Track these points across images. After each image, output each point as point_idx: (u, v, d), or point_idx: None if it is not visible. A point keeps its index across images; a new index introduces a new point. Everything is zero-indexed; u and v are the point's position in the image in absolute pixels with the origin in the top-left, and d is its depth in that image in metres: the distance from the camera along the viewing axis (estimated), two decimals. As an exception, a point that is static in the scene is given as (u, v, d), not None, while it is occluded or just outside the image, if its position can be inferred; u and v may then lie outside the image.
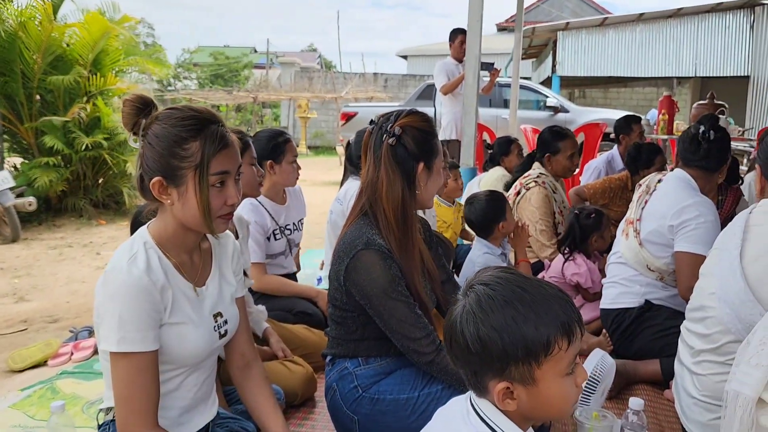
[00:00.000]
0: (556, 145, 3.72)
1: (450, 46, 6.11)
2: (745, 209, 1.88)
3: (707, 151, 2.47)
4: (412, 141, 1.85)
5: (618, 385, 2.46)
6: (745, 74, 13.58)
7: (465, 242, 4.19)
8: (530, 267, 3.01)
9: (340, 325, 1.93)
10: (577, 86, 17.20)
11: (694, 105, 6.47)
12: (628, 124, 4.83)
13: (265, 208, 3.01)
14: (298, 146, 18.35)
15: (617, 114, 9.99)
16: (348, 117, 10.94)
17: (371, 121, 1.94)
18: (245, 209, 2.84)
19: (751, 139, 6.64)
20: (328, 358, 2.01)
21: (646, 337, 2.60)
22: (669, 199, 2.51)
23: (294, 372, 2.44)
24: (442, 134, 6.14)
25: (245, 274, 1.86)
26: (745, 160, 5.78)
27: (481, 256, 2.93)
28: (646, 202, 2.62)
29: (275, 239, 3.05)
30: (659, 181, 2.63)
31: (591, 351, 2.23)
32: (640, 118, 5.05)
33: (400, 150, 1.85)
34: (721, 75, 13.66)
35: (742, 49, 13.47)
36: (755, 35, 13.33)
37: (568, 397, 1.10)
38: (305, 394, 2.46)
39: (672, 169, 2.71)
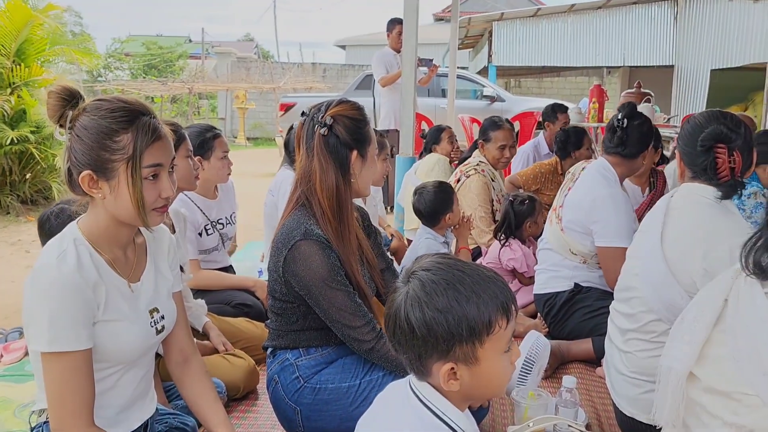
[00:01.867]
0: (489, 134, 3.82)
1: (388, 36, 6.12)
2: (668, 193, 1.98)
3: (622, 138, 2.58)
4: (343, 130, 1.87)
5: (553, 365, 2.56)
6: (670, 64, 14.16)
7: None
8: (470, 254, 3.09)
9: (280, 317, 1.94)
10: (512, 76, 17.53)
11: (623, 94, 6.72)
12: (554, 112, 5.06)
13: (196, 204, 2.97)
14: (236, 138, 17.94)
15: (548, 103, 10.27)
16: (287, 107, 10.84)
17: (303, 113, 1.95)
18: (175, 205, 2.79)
19: (676, 126, 6.94)
20: (269, 349, 2.01)
21: (578, 319, 2.70)
22: (585, 189, 2.63)
23: (235, 365, 2.43)
24: (381, 124, 6.17)
25: (182, 269, 1.83)
26: (670, 146, 6.04)
27: (423, 242, 3.00)
28: (569, 190, 2.73)
29: (207, 234, 3.02)
30: (583, 169, 2.74)
31: (527, 333, 2.31)
32: (566, 107, 5.25)
33: (332, 140, 1.87)
34: (648, 65, 14.20)
35: (667, 39, 14.03)
36: (678, 26, 13.90)
37: (505, 374, 1.16)
38: (247, 387, 2.45)
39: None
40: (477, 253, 3.61)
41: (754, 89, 12.37)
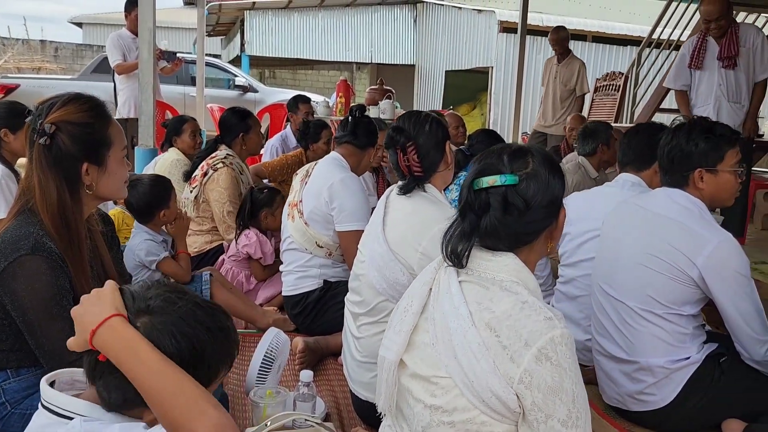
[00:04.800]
0: (248, 123, 3.73)
1: (126, 17, 5.62)
2: (388, 189, 2.13)
3: (353, 131, 2.75)
4: (68, 140, 1.61)
5: (312, 361, 2.57)
6: (412, 63, 15.35)
7: None
8: (189, 258, 2.94)
9: (-18, 334, 1.64)
10: (267, 66, 17.49)
11: (367, 90, 7.08)
12: (296, 103, 5.14)
13: None
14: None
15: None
16: (7, 90, 9.43)
17: (27, 111, 1.67)
18: None
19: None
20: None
21: (331, 314, 2.75)
22: (321, 177, 2.72)
23: None
24: (120, 112, 5.68)
25: None
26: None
27: (143, 242, 2.79)
28: (306, 184, 2.79)
29: None
30: (316, 163, 2.82)
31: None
32: (308, 98, 5.36)
33: (55, 151, 1.60)
34: (393, 63, 15.21)
35: (408, 40, 15.15)
36: (418, 29, 15.11)
37: None
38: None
39: None
40: (220, 250, 3.50)
41: (480, 90, 14.00)
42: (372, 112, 5.41)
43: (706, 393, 2.03)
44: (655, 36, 7.50)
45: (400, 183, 2.04)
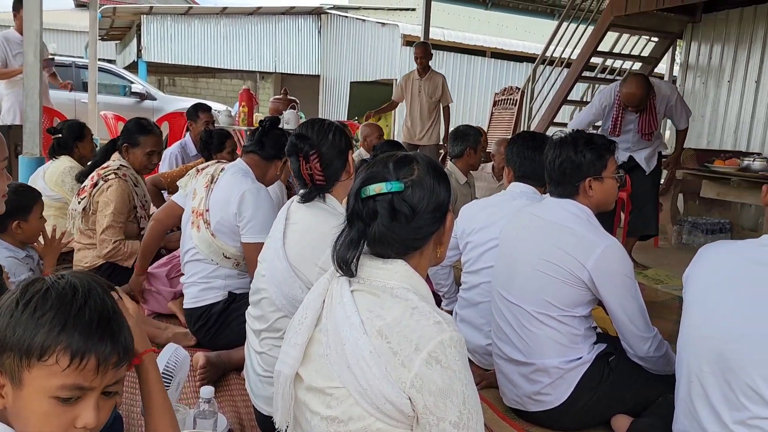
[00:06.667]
0: (138, 138, 3.54)
1: (14, 17, 5.27)
2: (289, 200, 2.10)
3: (260, 141, 2.70)
4: None
5: (213, 377, 2.49)
6: (317, 73, 15.34)
7: None
8: None
9: None
10: (166, 73, 16.92)
11: (271, 99, 7.00)
12: (195, 111, 4.99)
13: None
14: None
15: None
16: None
17: None
18: None
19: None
20: None
21: (235, 327, 2.67)
22: (229, 187, 2.65)
23: None
24: (3, 119, 5.32)
25: None
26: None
27: (4, 261, 2.41)
28: (211, 192, 2.71)
29: None
30: (222, 170, 2.75)
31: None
32: (208, 107, 5.21)
33: None
34: (297, 73, 15.15)
35: (313, 50, 15.15)
36: (323, 39, 15.14)
37: (58, 426, 1.02)
38: None
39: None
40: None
41: (385, 101, 14.15)
42: (275, 123, 5.35)
43: (596, 390, 2.14)
44: (548, 53, 7.90)
45: (301, 192, 2.02)
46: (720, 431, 1.57)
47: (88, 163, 3.67)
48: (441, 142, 6.65)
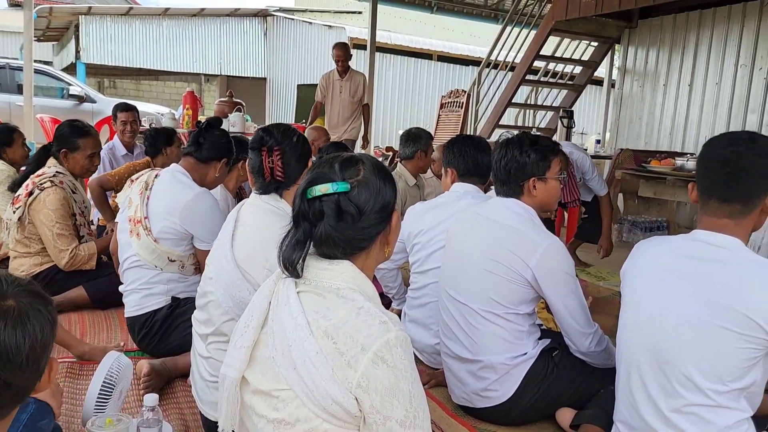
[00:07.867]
0: (76, 142, 3.41)
1: None
2: (239, 203, 2.08)
3: (195, 142, 2.67)
4: None
5: (158, 384, 2.43)
6: (263, 76, 15.19)
7: None
8: None
9: None
10: (106, 75, 16.44)
11: (216, 102, 6.89)
12: (114, 112, 4.95)
13: None
14: None
15: (149, 107, 9.93)
16: None
17: None
18: None
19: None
20: None
21: (180, 333, 2.62)
22: (168, 195, 2.60)
23: None
24: (-70, 122, 5.06)
25: None
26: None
27: None
28: (148, 198, 2.64)
29: None
30: (156, 176, 2.69)
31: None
32: (132, 107, 5.03)
33: None
34: (243, 75, 14.96)
35: (259, 53, 14.99)
36: (269, 42, 15.00)
37: None
38: None
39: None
40: (53, 271, 3.22)
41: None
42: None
43: (541, 385, 2.19)
44: (493, 57, 8.04)
45: (257, 185, 2.01)
46: (657, 419, 1.63)
47: (22, 169, 3.53)
48: (360, 139, 6.78)
